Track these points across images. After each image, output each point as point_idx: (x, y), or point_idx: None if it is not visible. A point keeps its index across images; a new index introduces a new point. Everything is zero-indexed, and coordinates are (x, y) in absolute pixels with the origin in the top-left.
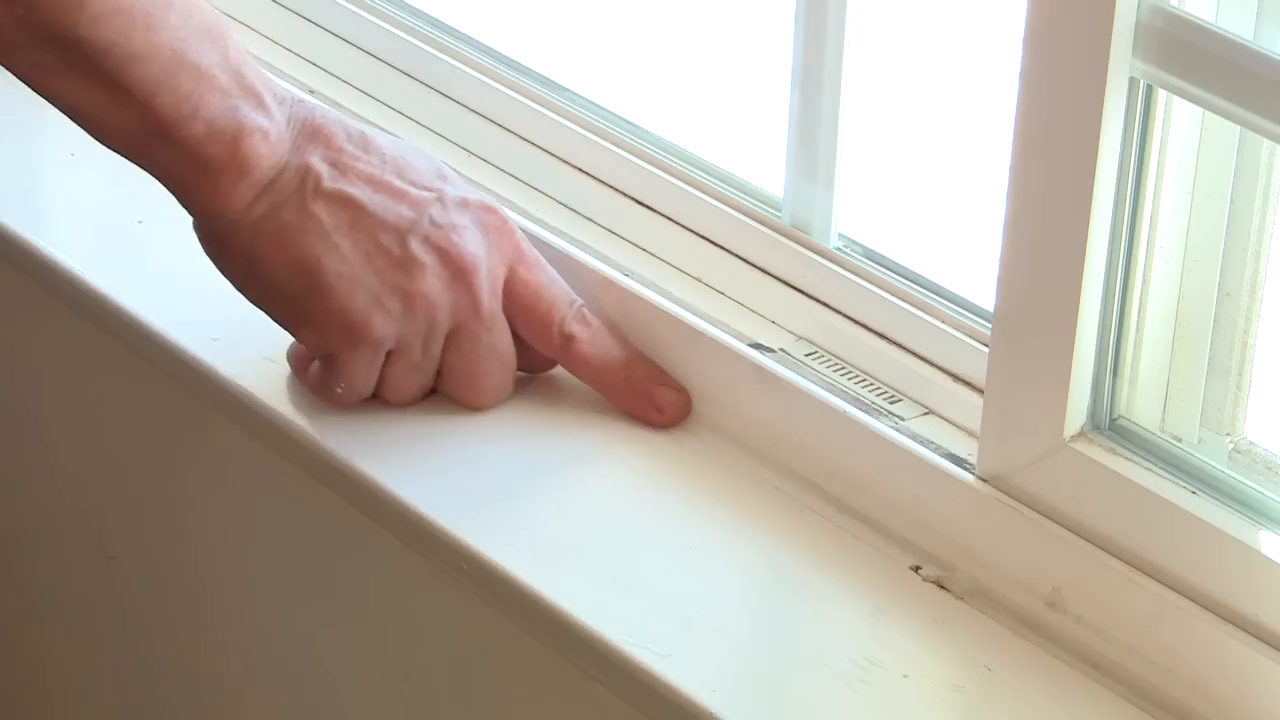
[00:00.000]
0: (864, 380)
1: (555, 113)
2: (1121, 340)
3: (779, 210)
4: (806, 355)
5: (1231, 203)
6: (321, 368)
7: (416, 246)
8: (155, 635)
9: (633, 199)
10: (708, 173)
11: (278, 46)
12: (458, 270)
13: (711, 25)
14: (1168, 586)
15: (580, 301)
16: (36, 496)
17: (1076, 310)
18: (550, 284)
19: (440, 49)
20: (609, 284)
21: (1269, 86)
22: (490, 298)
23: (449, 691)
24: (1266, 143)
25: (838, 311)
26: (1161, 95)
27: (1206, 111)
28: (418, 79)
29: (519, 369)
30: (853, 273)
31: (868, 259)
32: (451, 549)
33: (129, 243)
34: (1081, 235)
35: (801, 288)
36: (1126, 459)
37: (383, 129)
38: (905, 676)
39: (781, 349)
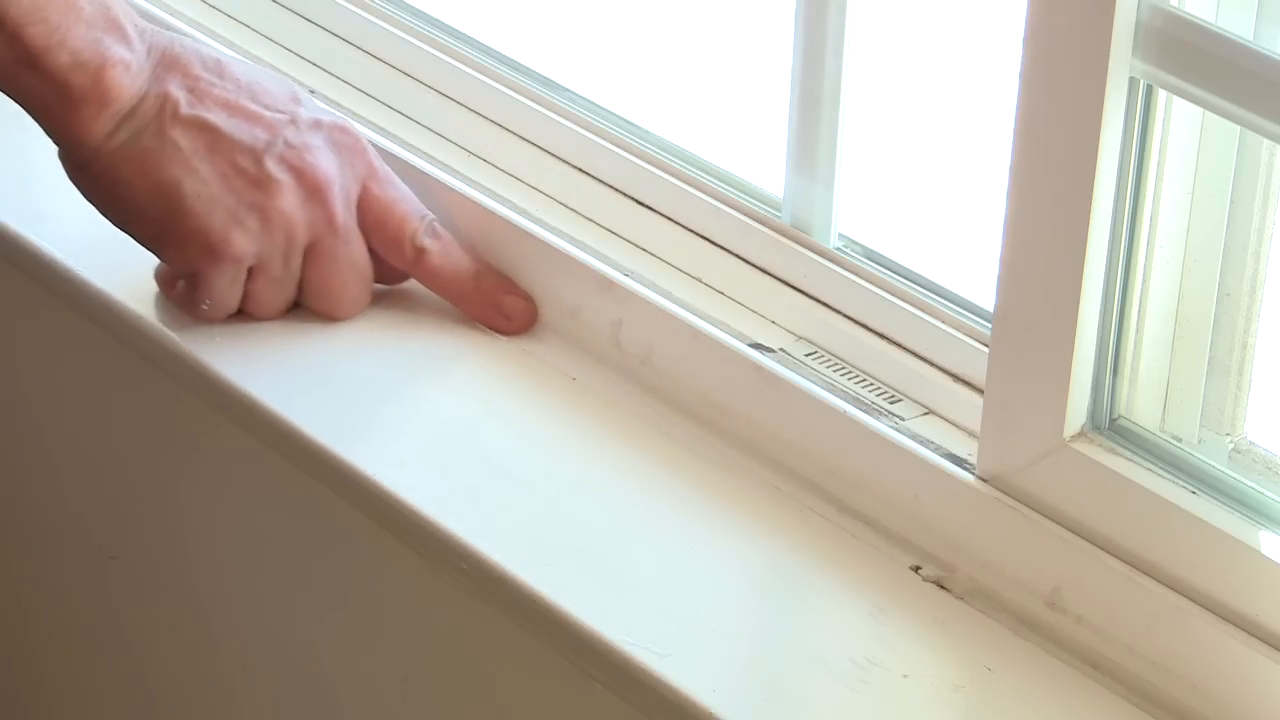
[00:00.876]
0: (864, 380)
1: (555, 113)
2: (1121, 340)
3: (779, 210)
4: (806, 355)
5: (1231, 203)
6: (187, 286)
7: (272, 166)
8: (155, 635)
9: (633, 199)
10: (708, 173)
11: (278, 46)
12: (312, 188)
13: (711, 26)
14: (1168, 586)
15: (431, 216)
16: (36, 496)
17: (1076, 310)
18: (402, 200)
19: (440, 49)
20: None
21: (1269, 86)
22: (345, 213)
23: (448, 691)
24: (1266, 143)
25: (838, 311)
26: (1161, 95)
27: (1206, 111)
28: (418, 79)
29: (375, 282)
30: (853, 273)
31: (868, 259)
32: (450, 548)
33: (129, 243)
34: (1081, 235)
35: (801, 288)
36: (1126, 459)
37: (383, 129)
38: (905, 676)
39: (781, 349)
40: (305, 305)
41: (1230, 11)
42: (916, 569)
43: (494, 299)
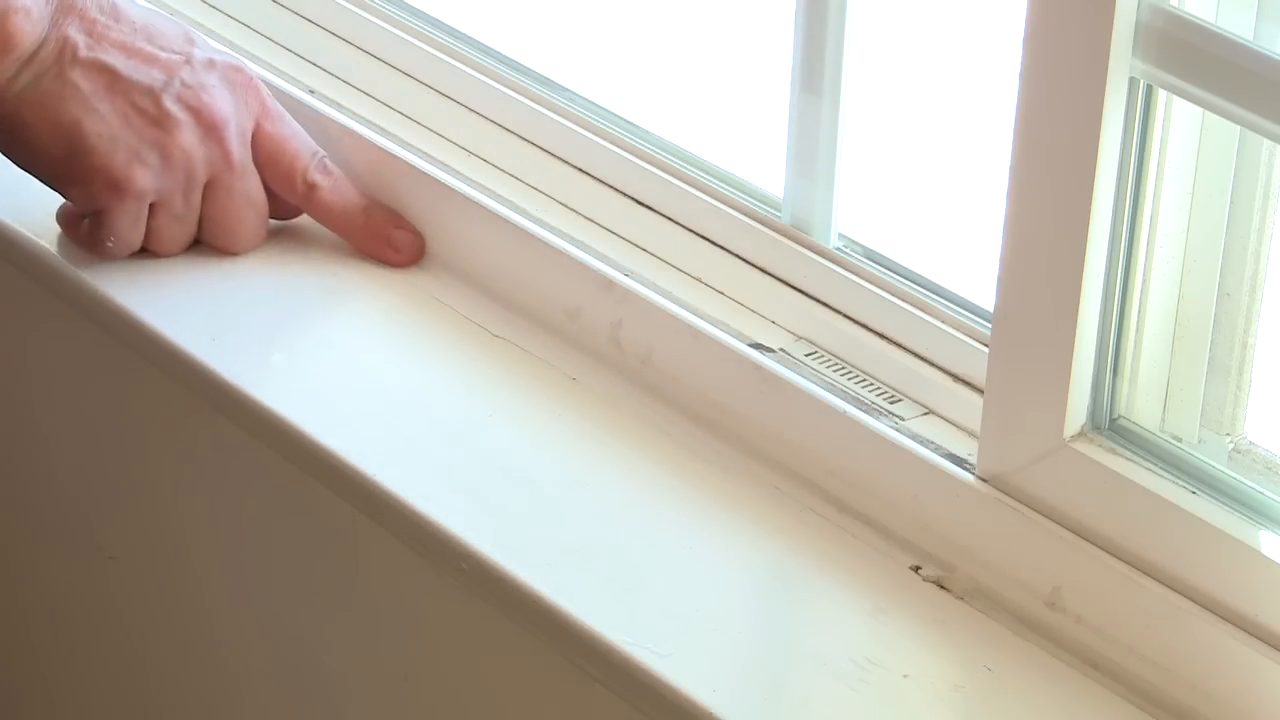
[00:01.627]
0: (864, 380)
1: (555, 113)
2: (1121, 340)
3: (779, 210)
4: (806, 355)
5: (1231, 203)
6: (90, 224)
7: (170, 105)
8: (155, 636)
9: (633, 199)
10: (708, 173)
11: (278, 46)
12: (209, 126)
13: (711, 25)
14: (1168, 586)
15: (322, 153)
16: (36, 496)
17: (1076, 310)
18: (294, 137)
19: (440, 49)
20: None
21: (1269, 86)
22: (240, 150)
23: (448, 692)
24: (1266, 143)
25: (838, 311)
26: (1161, 95)
27: (1206, 111)
28: (418, 79)
29: (270, 216)
30: (853, 273)
31: (868, 259)
32: (450, 548)
33: None
34: (1081, 235)
35: (801, 288)
36: (1126, 459)
37: (382, 129)
38: (905, 676)
39: (781, 349)
40: (204, 240)
41: (1230, 11)
42: (916, 569)
43: (383, 233)
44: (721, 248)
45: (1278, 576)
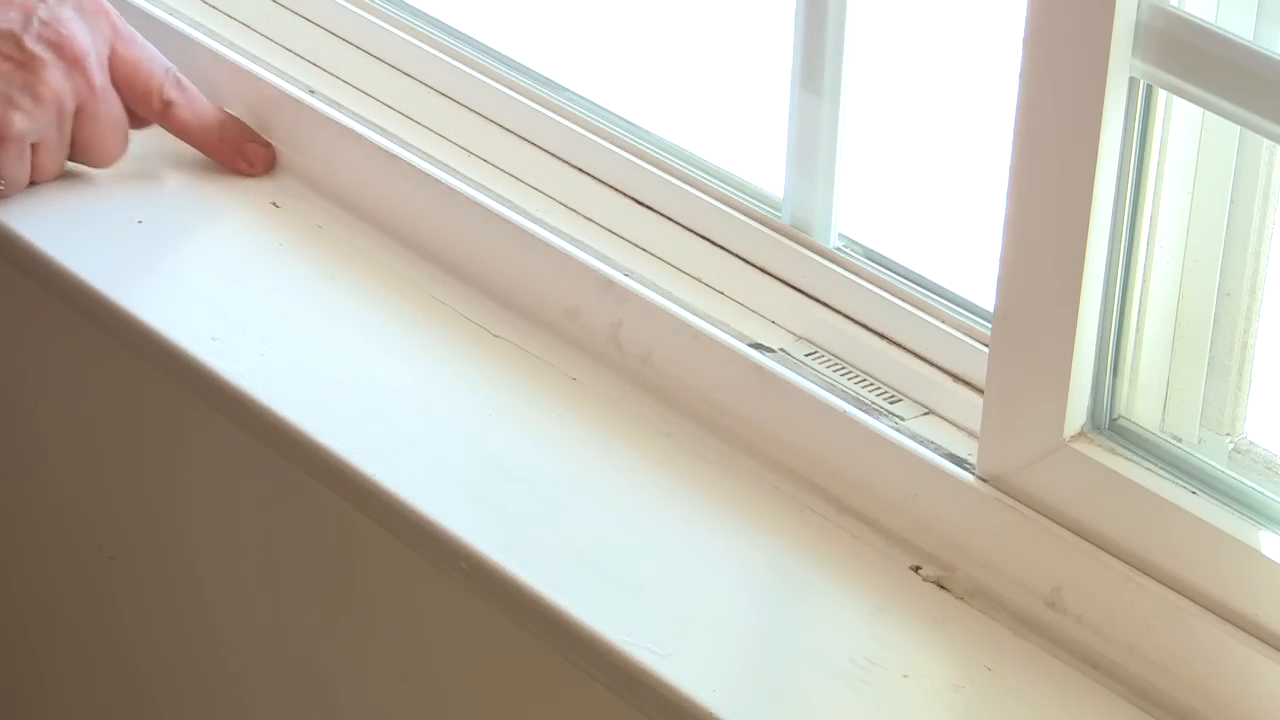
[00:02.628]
0: (864, 380)
1: (555, 113)
2: (1121, 340)
3: (779, 210)
4: (806, 355)
5: (1231, 203)
6: None
7: (33, 45)
8: (155, 635)
9: (633, 199)
10: (708, 173)
11: (278, 46)
12: (72, 60)
13: (711, 25)
14: (1168, 586)
15: (174, 68)
16: (36, 496)
17: (1076, 310)
18: (147, 58)
19: (440, 49)
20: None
21: (1269, 86)
22: (101, 77)
23: (448, 691)
24: (1266, 143)
25: (838, 311)
26: (1161, 95)
27: (1206, 111)
28: (418, 79)
29: (130, 128)
30: (853, 273)
31: (868, 259)
32: (450, 548)
33: (129, 243)
34: (1081, 235)
35: (801, 288)
36: (1126, 459)
37: (383, 129)
38: (905, 676)
39: (781, 349)
40: (73, 159)
41: (1230, 11)
42: (916, 569)
43: (237, 146)
44: (721, 248)
45: (1278, 576)
